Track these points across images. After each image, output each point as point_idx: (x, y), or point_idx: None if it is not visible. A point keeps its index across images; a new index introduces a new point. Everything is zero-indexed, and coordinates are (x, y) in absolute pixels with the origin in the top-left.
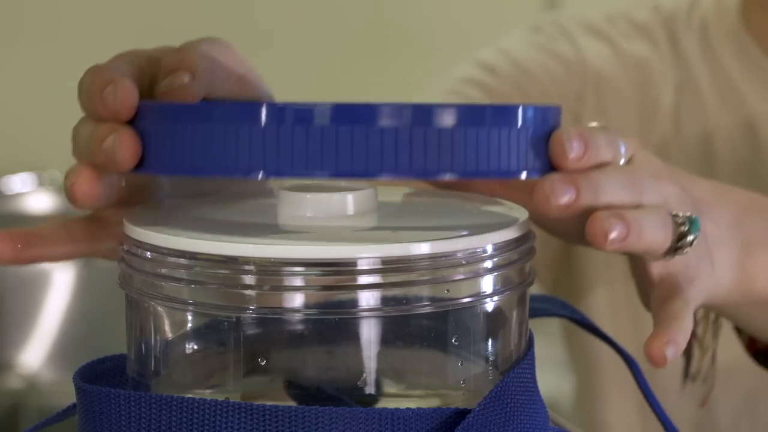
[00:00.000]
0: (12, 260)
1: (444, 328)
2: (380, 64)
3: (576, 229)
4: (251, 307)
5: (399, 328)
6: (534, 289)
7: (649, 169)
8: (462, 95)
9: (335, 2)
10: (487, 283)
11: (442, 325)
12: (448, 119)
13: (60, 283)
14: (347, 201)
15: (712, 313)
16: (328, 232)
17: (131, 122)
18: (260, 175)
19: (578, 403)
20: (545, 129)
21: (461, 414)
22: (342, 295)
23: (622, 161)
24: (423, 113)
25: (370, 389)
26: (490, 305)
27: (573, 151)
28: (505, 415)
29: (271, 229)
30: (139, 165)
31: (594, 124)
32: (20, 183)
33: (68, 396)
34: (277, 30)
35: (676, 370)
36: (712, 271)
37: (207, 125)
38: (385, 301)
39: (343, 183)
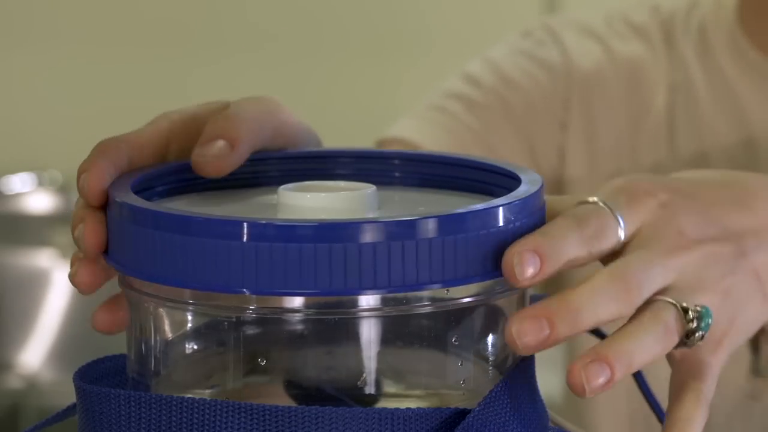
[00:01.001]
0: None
1: (444, 328)
2: (379, 65)
3: None
4: (251, 307)
5: (399, 328)
6: (534, 290)
7: (664, 241)
8: (444, 110)
9: (332, 3)
10: (487, 283)
11: (442, 325)
12: (428, 231)
13: (60, 283)
14: (347, 200)
15: None
16: None
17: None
18: (245, 292)
19: (566, 405)
20: (530, 220)
21: (461, 414)
22: (343, 297)
23: (622, 237)
24: (402, 228)
25: (369, 389)
26: (490, 305)
27: (525, 273)
28: (505, 415)
29: None
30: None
31: (593, 198)
32: (20, 183)
33: (68, 396)
34: (274, 31)
35: (742, 366)
36: (764, 304)
37: (177, 237)
38: (384, 301)
39: (342, 183)
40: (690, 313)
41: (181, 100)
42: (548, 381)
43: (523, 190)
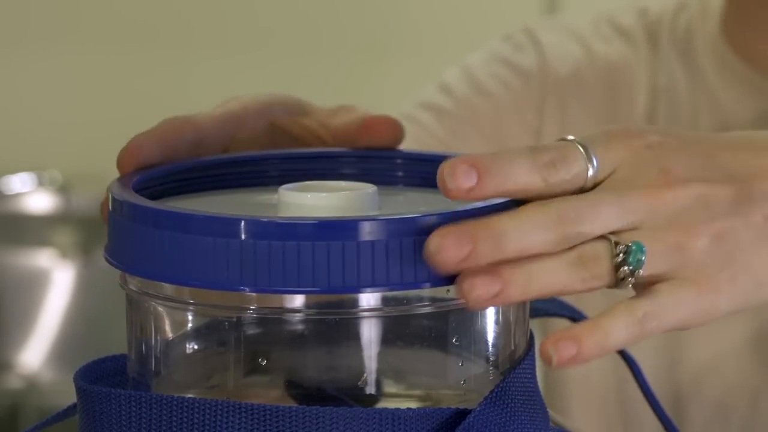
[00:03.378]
0: None
1: (444, 328)
2: (379, 65)
3: None
4: (251, 307)
5: (399, 328)
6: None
7: (638, 182)
8: (414, 120)
9: (333, 3)
10: None
11: (443, 325)
12: (426, 229)
13: (60, 283)
14: (347, 201)
15: None
16: None
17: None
18: (244, 290)
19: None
20: None
21: (461, 414)
22: (342, 295)
23: (590, 173)
24: (399, 226)
25: (370, 389)
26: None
27: (458, 182)
28: (506, 416)
29: None
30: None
31: (570, 137)
32: (20, 183)
33: (68, 396)
34: (272, 32)
35: (718, 378)
36: (742, 278)
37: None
38: (385, 301)
39: (343, 183)
40: (618, 246)
41: (180, 99)
42: None
43: None
